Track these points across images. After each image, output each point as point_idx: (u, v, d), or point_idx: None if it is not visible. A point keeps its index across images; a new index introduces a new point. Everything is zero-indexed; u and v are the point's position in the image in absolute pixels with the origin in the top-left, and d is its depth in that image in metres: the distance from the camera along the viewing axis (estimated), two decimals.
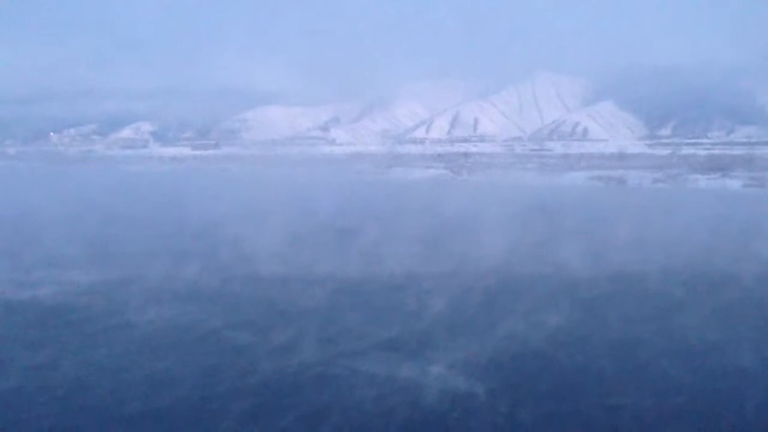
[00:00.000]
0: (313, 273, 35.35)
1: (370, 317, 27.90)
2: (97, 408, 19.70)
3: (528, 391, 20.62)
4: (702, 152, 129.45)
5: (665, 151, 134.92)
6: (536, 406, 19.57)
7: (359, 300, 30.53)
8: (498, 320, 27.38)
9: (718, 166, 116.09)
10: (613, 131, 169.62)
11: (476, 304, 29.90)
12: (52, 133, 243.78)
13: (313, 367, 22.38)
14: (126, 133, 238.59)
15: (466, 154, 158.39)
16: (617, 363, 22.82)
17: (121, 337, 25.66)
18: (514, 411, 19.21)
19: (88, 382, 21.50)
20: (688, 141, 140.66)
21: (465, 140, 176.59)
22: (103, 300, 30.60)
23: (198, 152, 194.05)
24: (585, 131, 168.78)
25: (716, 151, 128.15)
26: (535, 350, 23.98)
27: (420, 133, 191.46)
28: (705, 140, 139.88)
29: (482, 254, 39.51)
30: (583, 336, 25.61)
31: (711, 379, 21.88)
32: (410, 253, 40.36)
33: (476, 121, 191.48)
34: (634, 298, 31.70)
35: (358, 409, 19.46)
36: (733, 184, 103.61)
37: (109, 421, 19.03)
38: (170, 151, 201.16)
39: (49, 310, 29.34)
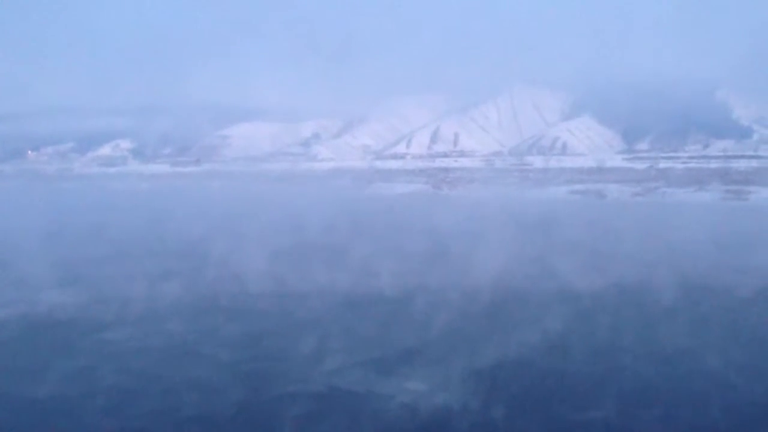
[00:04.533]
0: (313, 287, 35.77)
1: (382, 328, 28.37)
2: (151, 413, 19.88)
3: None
4: (679, 166, 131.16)
5: (643, 165, 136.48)
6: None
7: (365, 312, 31.06)
8: (500, 330, 28.09)
9: (695, 179, 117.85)
10: (591, 145, 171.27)
11: (479, 315, 30.63)
12: (29, 151, 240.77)
13: (345, 373, 22.99)
14: (104, 150, 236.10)
15: (446, 169, 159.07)
16: (609, 374, 23.16)
17: (149, 346, 26.08)
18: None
19: (132, 388, 21.72)
20: (665, 155, 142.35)
21: (445, 155, 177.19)
22: (110, 315, 30.77)
23: (178, 169, 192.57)
24: (564, 145, 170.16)
25: (693, 165, 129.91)
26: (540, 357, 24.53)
27: (401, 148, 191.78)
28: (682, 154, 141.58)
29: (473, 268, 39.96)
30: (591, 347, 26.07)
31: (688, 390, 22.22)
32: (402, 267, 40.85)
33: (456, 135, 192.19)
34: (621, 309, 32.22)
35: (393, 411, 20.14)
36: (710, 197, 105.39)
37: (167, 425, 19.14)
38: (150, 168, 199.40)
39: (64, 323, 29.60)
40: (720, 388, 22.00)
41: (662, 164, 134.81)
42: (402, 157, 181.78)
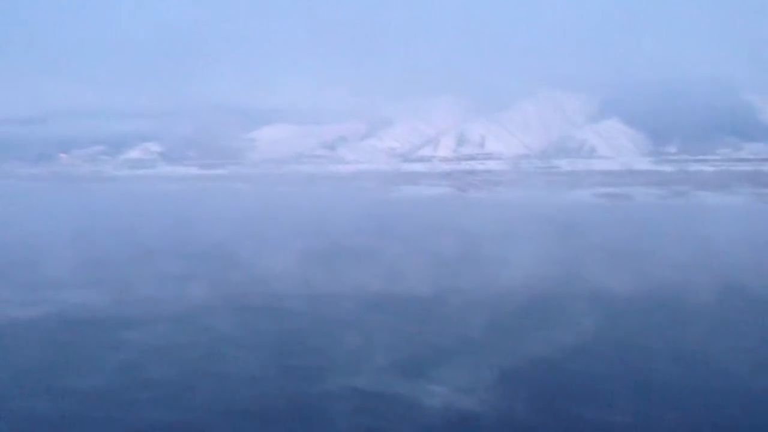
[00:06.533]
0: (343, 288, 36.11)
1: (418, 327, 28.81)
2: (202, 406, 20.44)
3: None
4: (709, 169, 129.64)
5: (672, 168, 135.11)
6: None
7: (394, 313, 31.46)
8: (527, 332, 28.23)
9: (725, 183, 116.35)
10: (619, 148, 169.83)
11: (505, 317, 30.73)
12: (62, 154, 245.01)
13: (391, 369, 23.54)
14: (134, 153, 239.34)
15: (472, 172, 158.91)
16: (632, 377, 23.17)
17: (190, 342, 26.73)
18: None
19: (182, 381, 22.34)
20: (695, 158, 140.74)
21: (471, 158, 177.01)
22: (146, 312, 31.34)
23: (205, 172, 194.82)
24: (591, 148, 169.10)
25: (723, 168, 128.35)
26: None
27: (427, 151, 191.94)
28: (712, 157, 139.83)
29: (499, 271, 40.12)
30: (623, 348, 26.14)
31: (712, 395, 22.04)
32: (430, 270, 41.10)
33: (482, 138, 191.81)
34: (648, 312, 32.11)
35: (423, 409, 20.46)
36: (741, 200, 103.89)
37: (220, 418, 19.68)
38: (178, 170, 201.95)
39: (102, 320, 30.24)
40: (746, 394, 21.90)
41: (691, 167, 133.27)
42: (428, 159, 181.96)
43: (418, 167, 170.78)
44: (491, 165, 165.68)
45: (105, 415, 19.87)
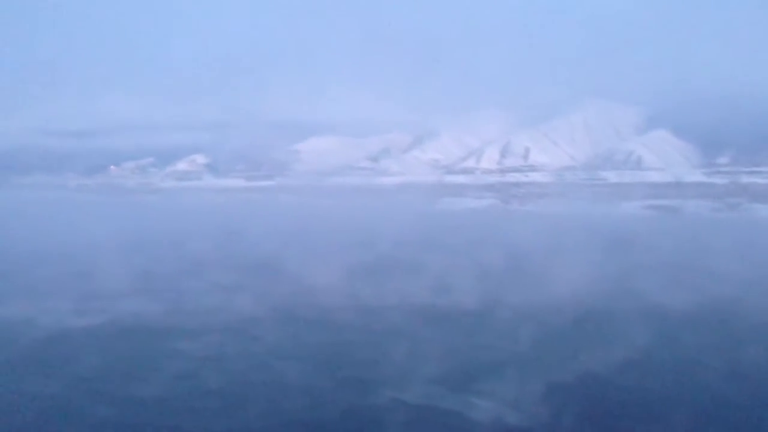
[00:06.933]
0: (391, 300, 36.30)
1: (466, 340, 28.83)
2: (259, 416, 20.81)
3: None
4: (762, 181, 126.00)
5: (724, 180, 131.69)
6: None
7: (448, 324, 31.60)
8: (575, 347, 27.88)
9: None
10: (668, 159, 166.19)
11: (560, 329, 30.53)
12: (112, 167, 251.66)
13: (440, 382, 23.58)
14: (182, 165, 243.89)
15: (516, 184, 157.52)
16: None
17: (243, 351, 27.29)
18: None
19: (237, 391, 22.80)
20: (748, 169, 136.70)
21: (516, 170, 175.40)
22: (198, 323, 32.02)
23: (251, 183, 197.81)
24: (639, 160, 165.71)
25: None
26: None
27: (470, 162, 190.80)
28: (765, 169, 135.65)
29: (549, 283, 39.80)
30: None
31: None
32: (478, 282, 41.02)
33: (527, 150, 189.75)
34: (699, 329, 31.42)
35: (489, 418, 20.60)
36: None
37: (274, 426, 20.24)
38: (224, 182, 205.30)
39: (154, 330, 31.11)
40: None
41: (745, 179, 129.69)
42: (471, 171, 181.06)
43: (461, 179, 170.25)
44: (536, 177, 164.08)
45: (165, 423, 20.37)
